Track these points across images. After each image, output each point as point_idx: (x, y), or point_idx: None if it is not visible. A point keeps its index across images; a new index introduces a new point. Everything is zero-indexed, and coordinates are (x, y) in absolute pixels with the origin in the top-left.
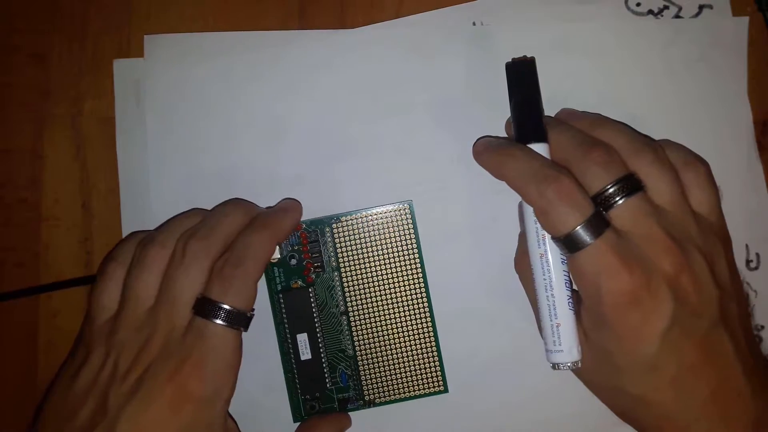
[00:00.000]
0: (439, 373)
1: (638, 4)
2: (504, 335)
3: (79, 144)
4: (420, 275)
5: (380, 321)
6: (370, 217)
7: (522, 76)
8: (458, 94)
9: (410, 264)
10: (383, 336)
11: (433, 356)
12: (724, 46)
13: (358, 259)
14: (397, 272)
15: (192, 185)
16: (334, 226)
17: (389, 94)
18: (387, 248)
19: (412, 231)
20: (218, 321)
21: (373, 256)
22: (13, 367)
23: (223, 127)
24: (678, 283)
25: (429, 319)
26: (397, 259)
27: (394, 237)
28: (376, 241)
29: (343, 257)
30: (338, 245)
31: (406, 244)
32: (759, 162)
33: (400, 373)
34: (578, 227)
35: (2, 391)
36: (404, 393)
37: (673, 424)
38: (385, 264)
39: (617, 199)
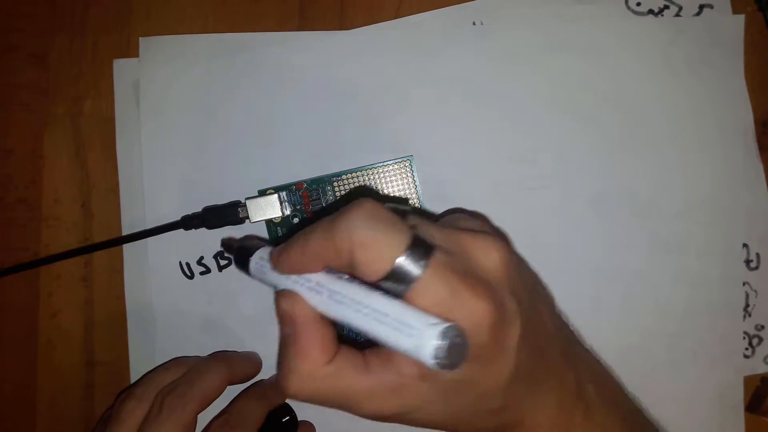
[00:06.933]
0: None
1: (638, 4)
2: None
3: (79, 144)
4: None
5: None
6: (371, 174)
7: None
8: (458, 94)
9: None
10: None
11: None
12: (725, 45)
13: None
14: None
15: (187, 186)
16: (335, 184)
17: (389, 94)
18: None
19: (413, 186)
20: None
21: None
22: (13, 367)
23: (219, 127)
24: (509, 280)
25: None
26: None
27: (396, 193)
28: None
29: None
30: (340, 203)
31: (409, 199)
32: (759, 162)
33: None
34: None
35: (2, 391)
36: None
37: (525, 417)
38: None
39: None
